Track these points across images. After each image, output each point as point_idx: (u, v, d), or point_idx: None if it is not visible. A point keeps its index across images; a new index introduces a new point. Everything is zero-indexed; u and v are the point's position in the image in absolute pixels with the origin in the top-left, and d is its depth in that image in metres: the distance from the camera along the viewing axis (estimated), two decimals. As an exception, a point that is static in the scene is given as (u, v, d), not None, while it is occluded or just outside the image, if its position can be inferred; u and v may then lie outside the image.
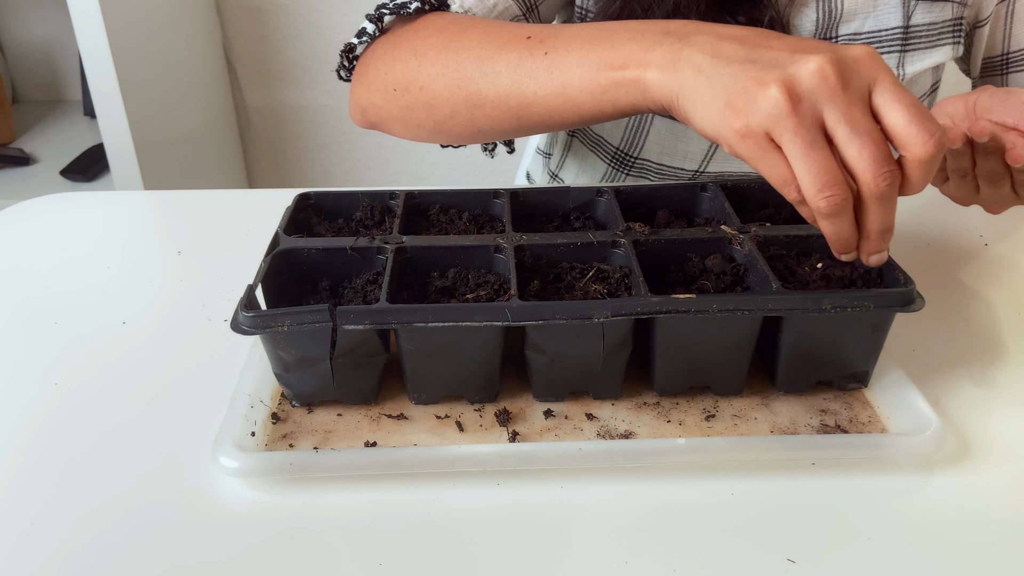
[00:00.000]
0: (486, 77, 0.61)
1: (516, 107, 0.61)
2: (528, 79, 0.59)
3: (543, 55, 0.59)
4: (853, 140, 0.46)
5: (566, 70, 0.57)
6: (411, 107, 0.67)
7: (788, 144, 0.46)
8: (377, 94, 0.69)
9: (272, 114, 1.87)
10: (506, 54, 0.61)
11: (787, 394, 0.57)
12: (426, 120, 0.67)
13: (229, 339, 0.61)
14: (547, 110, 0.59)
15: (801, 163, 0.46)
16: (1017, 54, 0.83)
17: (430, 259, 0.58)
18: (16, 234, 0.81)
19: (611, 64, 0.55)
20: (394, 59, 0.67)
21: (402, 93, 0.66)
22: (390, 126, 0.71)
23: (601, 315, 0.51)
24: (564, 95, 0.58)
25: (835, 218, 0.47)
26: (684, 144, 0.82)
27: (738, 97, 0.47)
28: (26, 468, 0.52)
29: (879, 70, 0.47)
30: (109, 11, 1.29)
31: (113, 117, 1.36)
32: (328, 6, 1.74)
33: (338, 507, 0.49)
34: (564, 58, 0.58)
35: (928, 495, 0.50)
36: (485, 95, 0.62)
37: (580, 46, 0.57)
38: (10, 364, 0.62)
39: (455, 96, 0.63)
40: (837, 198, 0.46)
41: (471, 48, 0.63)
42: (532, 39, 0.60)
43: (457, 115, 0.64)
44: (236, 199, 0.90)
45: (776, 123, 0.46)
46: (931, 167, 0.47)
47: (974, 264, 0.73)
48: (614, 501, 0.50)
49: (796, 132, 0.46)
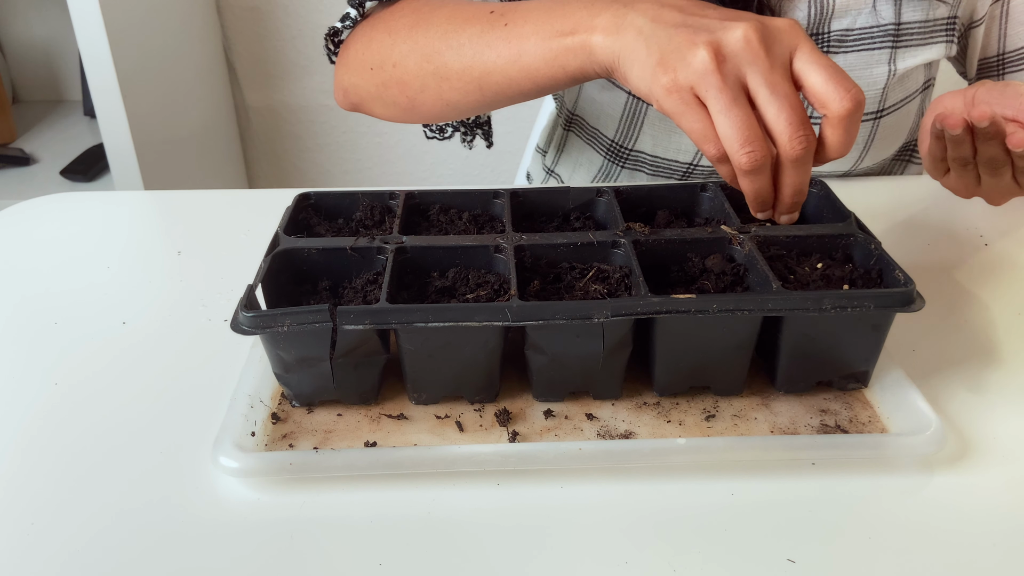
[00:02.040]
0: (451, 50, 0.64)
1: (478, 77, 0.64)
2: (488, 49, 0.62)
3: (503, 26, 0.62)
4: (772, 102, 0.49)
5: (522, 39, 0.60)
6: (386, 84, 0.69)
7: (712, 100, 0.49)
8: (356, 74, 0.71)
9: (272, 114, 1.87)
10: (469, 27, 0.64)
11: (787, 394, 0.57)
12: (400, 97, 0.69)
13: (229, 339, 0.61)
14: (506, 79, 0.62)
15: (724, 118, 0.49)
16: (1013, 54, 0.83)
17: (430, 259, 0.58)
18: (16, 234, 0.81)
19: (561, 31, 0.58)
20: (371, 40, 0.70)
21: (378, 71, 0.69)
22: (370, 106, 0.73)
23: (601, 315, 0.51)
24: (520, 63, 0.61)
25: (755, 175, 0.50)
26: (677, 137, 0.83)
27: (670, 55, 0.51)
28: (26, 468, 0.52)
29: (799, 38, 0.51)
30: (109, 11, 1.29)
31: (113, 117, 1.36)
32: (328, 6, 1.74)
33: (338, 507, 0.49)
34: (521, 28, 0.61)
35: (928, 495, 0.50)
36: (451, 67, 0.64)
37: (536, 17, 0.61)
38: (10, 364, 0.62)
39: (424, 70, 0.66)
40: (757, 154, 0.49)
41: (439, 24, 0.65)
42: (495, 13, 0.63)
43: (427, 89, 0.67)
44: (236, 199, 0.90)
45: (702, 79, 0.49)
46: (850, 126, 0.49)
47: (974, 264, 0.73)
48: (614, 501, 0.50)
49: (720, 89, 0.49)
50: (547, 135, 1.00)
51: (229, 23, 1.76)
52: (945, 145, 0.66)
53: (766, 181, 0.51)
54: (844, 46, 0.78)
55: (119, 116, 1.36)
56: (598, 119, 0.87)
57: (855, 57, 0.78)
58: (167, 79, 1.52)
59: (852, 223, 0.60)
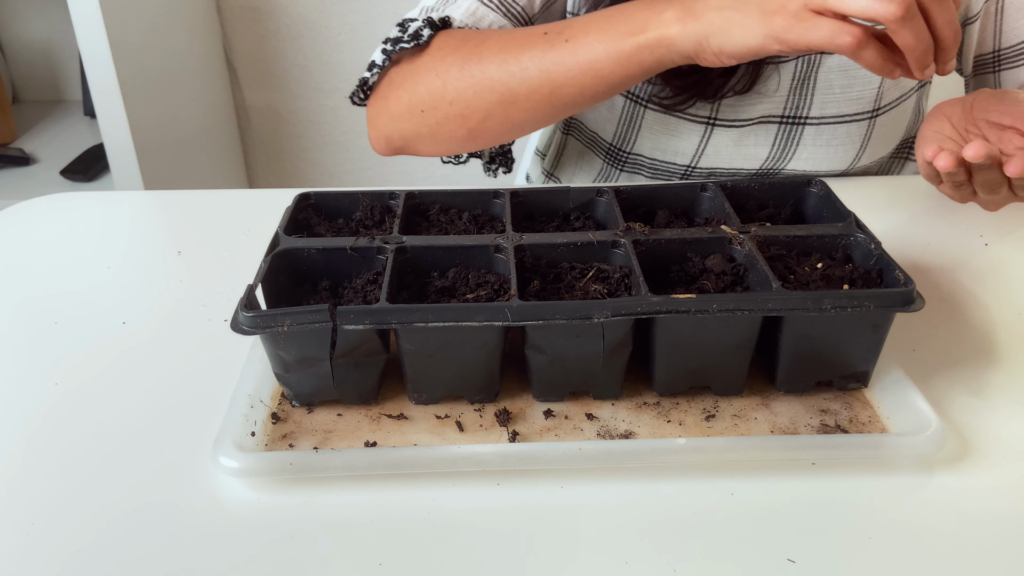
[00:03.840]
0: (514, 76, 0.67)
1: (548, 94, 0.67)
2: (556, 66, 0.65)
3: (564, 42, 0.65)
4: None
5: (590, 48, 0.64)
6: (442, 122, 0.71)
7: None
8: (403, 120, 0.73)
9: (272, 114, 1.87)
10: (529, 51, 0.66)
11: (787, 394, 0.57)
12: (459, 130, 0.72)
13: (229, 339, 0.61)
14: (578, 88, 0.66)
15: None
16: (1008, 51, 0.82)
17: (430, 259, 0.58)
18: (16, 234, 0.81)
19: (631, 32, 0.62)
20: (416, 84, 0.72)
21: (431, 112, 0.71)
22: (417, 146, 0.75)
23: (601, 315, 0.51)
24: (592, 70, 0.64)
25: (912, 21, 0.52)
26: (675, 139, 0.83)
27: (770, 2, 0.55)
28: (26, 468, 0.52)
29: None
30: (109, 11, 1.29)
31: (113, 117, 1.36)
32: (328, 6, 1.74)
33: (338, 507, 0.49)
34: (584, 39, 0.64)
35: (928, 495, 0.50)
36: (517, 91, 0.67)
37: (597, 27, 0.64)
38: (10, 364, 0.62)
39: (487, 100, 0.69)
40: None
41: (492, 56, 0.68)
42: (549, 34, 0.67)
43: (491, 117, 0.70)
44: (236, 199, 0.90)
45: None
46: None
47: (974, 264, 0.73)
48: (614, 501, 0.50)
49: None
50: (546, 139, 1.00)
51: (229, 23, 1.76)
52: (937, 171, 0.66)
53: (923, 25, 0.53)
54: None
55: (119, 116, 1.36)
56: (596, 123, 0.88)
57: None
58: (167, 79, 1.52)
59: (852, 223, 0.60)
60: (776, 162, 0.84)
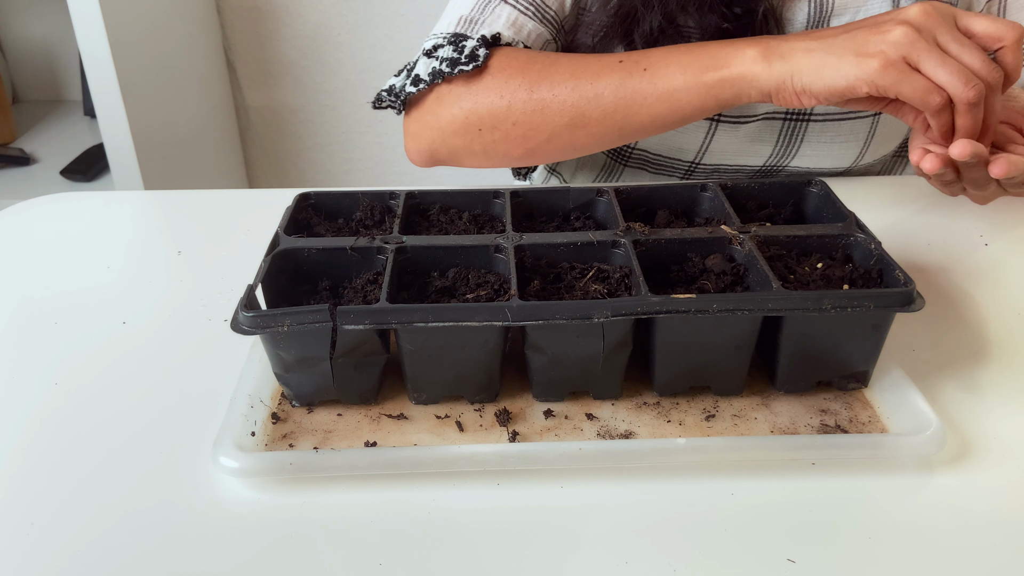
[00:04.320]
0: (588, 102, 0.68)
1: (621, 119, 0.68)
2: (634, 93, 0.67)
3: (643, 71, 0.67)
4: (964, 51, 0.58)
5: (669, 78, 0.66)
6: (499, 141, 0.72)
7: (925, 60, 0.58)
8: (456, 136, 0.74)
9: (272, 114, 1.87)
10: (605, 77, 0.68)
11: (787, 394, 0.57)
12: (516, 149, 0.73)
13: (229, 339, 0.61)
14: (651, 117, 0.68)
15: (943, 70, 0.58)
16: None
17: (430, 259, 0.58)
18: (16, 234, 0.81)
19: (712, 66, 0.64)
20: (476, 104, 0.72)
21: (489, 132, 0.72)
22: (464, 160, 0.76)
23: (601, 315, 0.51)
24: (670, 99, 0.66)
25: (976, 108, 0.58)
26: (680, 136, 0.83)
27: (866, 46, 0.59)
28: (26, 468, 0.52)
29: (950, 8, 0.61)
30: (109, 11, 1.29)
31: (113, 117, 1.36)
32: (328, 6, 1.74)
33: (338, 507, 0.49)
34: (664, 70, 0.66)
35: (928, 495, 0.50)
36: (589, 116, 0.69)
37: (677, 59, 0.66)
38: (10, 364, 0.62)
39: (555, 124, 0.70)
40: (980, 86, 0.58)
41: (564, 81, 0.69)
42: (625, 62, 0.68)
43: (556, 139, 0.71)
44: (236, 199, 0.90)
45: (911, 47, 0.58)
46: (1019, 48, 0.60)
47: (974, 264, 0.73)
48: (614, 501, 0.50)
49: (929, 50, 0.58)
50: None
51: (229, 23, 1.76)
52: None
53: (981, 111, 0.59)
54: None
55: (119, 116, 1.36)
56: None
57: None
58: (167, 79, 1.52)
59: (852, 223, 0.60)
60: (779, 159, 0.84)
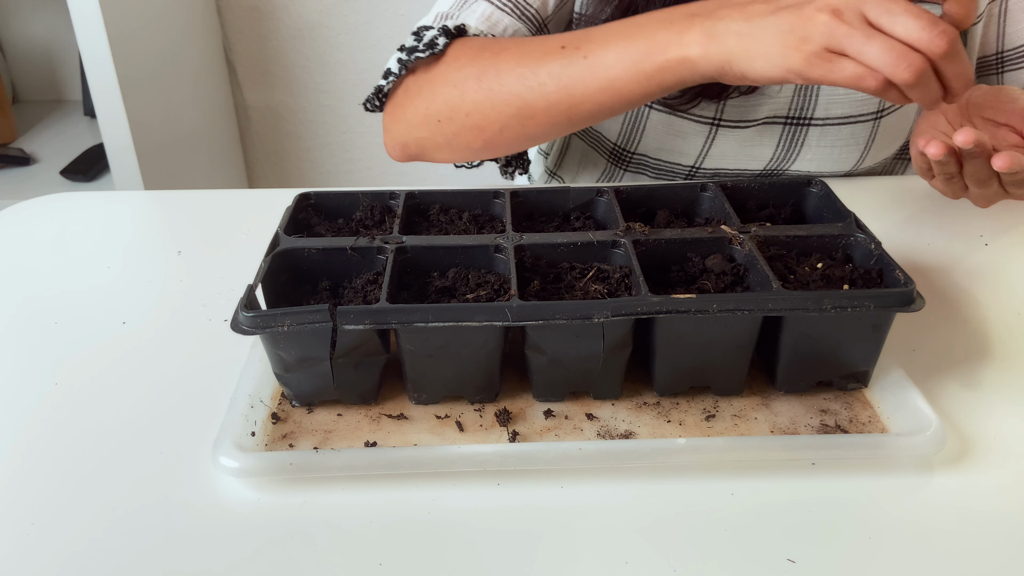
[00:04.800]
0: (532, 91, 0.65)
1: (566, 110, 0.65)
2: (574, 83, 0.64)
3: (583, 59, 0.63)
4: (898, 19, 0.52)
5: (608, 67, 0.62)
6: (458, 133, 0.71)
7: (849, 44, 0.52)
8: (420, 128, 0.73)
9: (272, 114, 1.87)
10: (547, 66, 0.65)
11: (787, 394, 0.57)
12: (475, 141, 0.71)
13: (229, 339, 0.61)
14: (596, 106, 0.64)
15: (869, 50, 0.52)
16: (1011, 52, 0.83)
17: (430, 259, 0.58)
18: (16, 234, 0.81)
19: (651, 51, 0.60)
20: (433, 94, 0.71)
21: (447, 123, 0.70)
22: (432, 154, 0.75)
23: (601, 315, 0.51)
24: (612, 89, 0.63)
25: (923, 85, 0.52)
26: (681, 140, 0.83)
27: (790, 35, 0.54)
28: (26, 468, 0.52)
29: None
30: (109, 11, 1.29)
31: (113, 117, 1.36)
32: (328, 6, 1.74)
33: (338, 507, 0.49)
34: (604, 58, 0.62)
35: (928, 495, 0.50)
36: (535, 107, 0.66)
37: (616, 44, 0.62)
38: (10, 364, 0.62)
39: (504, 114, 0.68)
40: (915, 64, 0.51)
41: (510, 69, 0.67)
42: (567, 48, 0.65)
43: (508, 129, 0.69)
44: (236, 199, 0.90)
45: (832, 34, 0.53)
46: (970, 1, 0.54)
47: (974, 264, 0.73)
48: (614, 501, 0.50)
49: (851, 32, 0.52)
50: None
51: (229, 23, 1.76)
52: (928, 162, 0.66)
53: (934, 85, 0.53)
54: None
55: (119, 116, 1.36)
56: (601, 124, 0.87)
57: None
58: (167, 79, 1.52)
59: (852, 223, 0.60)
60: (780, 163, 0.84)
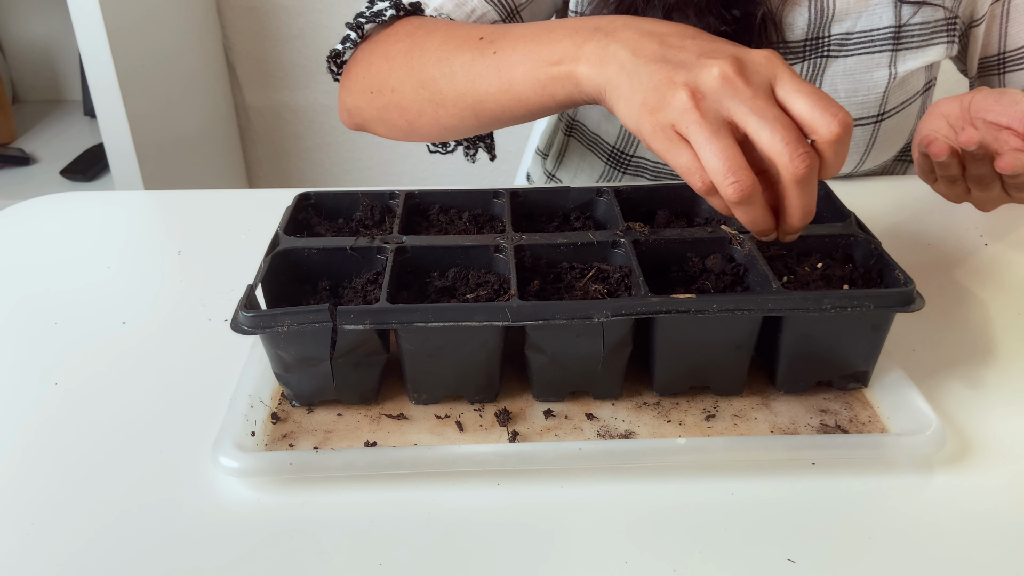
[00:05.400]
0: (445, 78, 0.64)
1: (472, 104, 0.64)
2: (480, 78, 0.62)
3: (492, 54, 0.62)
4: (763, 127, 0.47)
5: (511, 67, 0.60)
6: (386, 108, 0.69)
7: (693, 134, 0.48)
8: (358, 96, 0.72)
9: (272, 114, 1.87)
10: (461, 55, 0.63)
11: (787, 394, 0.57)
12: (399, 120, 0.69)
13: (229, 339, 0.61)
14: (498, 106, 0.63)
15: (706, 150, 0.48)
16: (1013, 53, 0.83)
17: (430, 259, 0.58)
18: (16, 234, 0.81)
19: (549, 60, 0.58)
20: (369, 64, 0.70)
21: (377, 95, 0.69)
22: (373, 126, 0.73)
23: (601, 315, 0.51)
24: (511, 91, 0.61)
25: (746, 206, 0.49)
26: None
27: (651, 95, 0.50)
28: (26, 468, 0.52)
29: (778, 67, 0.50)
30: (109, 11, 1.29)
31: (113, 117, 1.36)
32: (328, 6, 1.74)
33: (338, 507, 0.49)
34: (510, 56, 0.61)
35: (928, 495, 0.50)
36: (446, 95, 0.64)
37: (523, 45, 0.60)
38: (10, 363, 0.62)
39: (421, 97, 0.66)
40: (743, 183, 0.47)
41: (433, 50, 0.65)
42: (484, 39, 0.63)
43: (424, 114, 0.67)
44: (236, 199, 0.90)
45: (681, 117, 0.49)
46: (841, 147, 0.48)
47: (974, 264, 0.73)
48: (614, 501, 0.50)
49: (699, 124, 0.48)
50: (547, 139, 1.00)
51: (229, 23, 1.76)
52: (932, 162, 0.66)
53: (760, 210, 0.49)
54: (844, 50, 0.78)
55: (119, 116, 1.36)
56: (599, 125, 0.87)
57: (855, 61, 0.78)
58: (167, 79, 1.52)
59: (852, 223, 0.60)
60: None
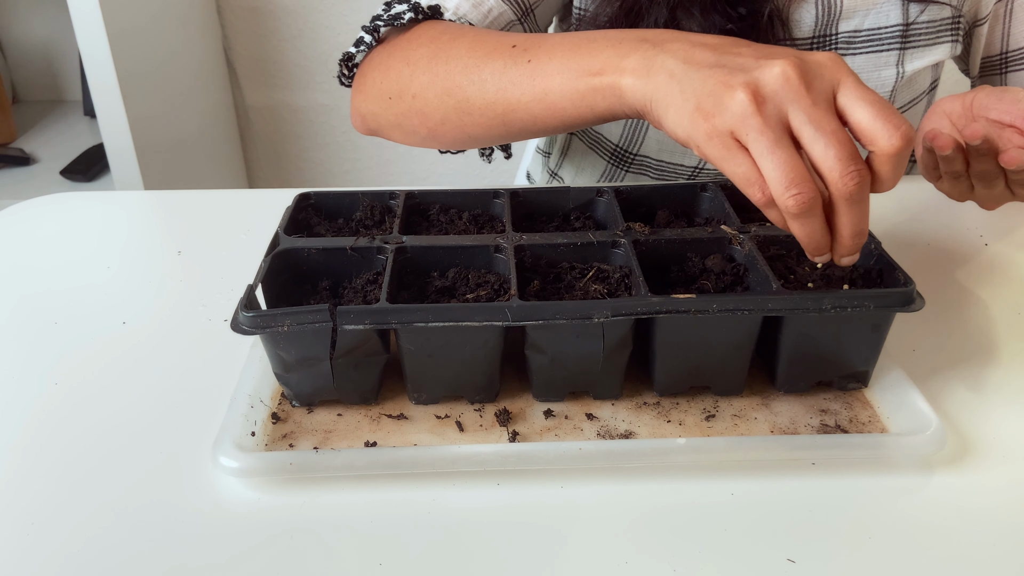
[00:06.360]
0: (473, 85, 0.63)
1: (502, 113, 0.62)
2: (512, 86, 0.60)
3: (526, 63, 0.60)
4: (818, 139, 0.46)
5: (547, 77, 0.58)
6: (406, 114, 0.68)
7: (753, 143, 0.46)
8: (374, 102, 0.70)
9: (272, 114, 1.87)
10: (492, 62, 0.62)
11: (787, 394, 0.57)
12: (420, 127, 0.68)
13: (229, 339, 0.61)
14: (530, 116, 0.61)
15: (767, 160, 0.46)
16: (1016, 53, 0.83)
17: (430, 259, 0.58)
18: (16, 234, 0.81)
19: (589, 70, 0.56)
20: (388, 68, 0.69)
21: (396, 101, 0.68)
22: (388, 132, 0.72)
23: (601, 315, 0.51)
24: (545, 101, 0.59)
25: (804, 218, 0.47)
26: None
27: (706, 100, 0.48)
28: (26, 468, 0.52)
29: (842, 72, 0.48)
30: (109, 11, 1.29)
31: (113, 117, 1.36)
32: (328, 6, 1.74)
33: (338, 507, 0.49)
34: (546, 65, 0.59)
35: (928, 495, 0.50)
36: (473, 102, 0.63)
37: (561, 54, 0.58)
38: (10, 363, 0.62)
39: (445, 104, 0.65)
40: (805, 196, 0.45)
41: (460, 57, 0.64)
42: (517, 47, 0.61)
43: (448, 122, 0.66)
44: (236, 199, 0.90)
45: (741, 123, 0.46)
46: (900, 162, 0.46)
47: (974, 264, 0.73)
48: (614, 501, 0.50)
49: (761, 131, 0.46)
50: (549, 138, 1.00)
51: (229, 23, 1.76)
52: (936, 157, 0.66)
53: (818, 224, 0.47)
54: (852, 48, 0.77)
55: (119, 116, 1.36)
56: (602, 124, 0.87)
57: (863, 59, 0.78)
58: (167, 79, 1.52)
59: (852, 223, 0.60)
60: None
